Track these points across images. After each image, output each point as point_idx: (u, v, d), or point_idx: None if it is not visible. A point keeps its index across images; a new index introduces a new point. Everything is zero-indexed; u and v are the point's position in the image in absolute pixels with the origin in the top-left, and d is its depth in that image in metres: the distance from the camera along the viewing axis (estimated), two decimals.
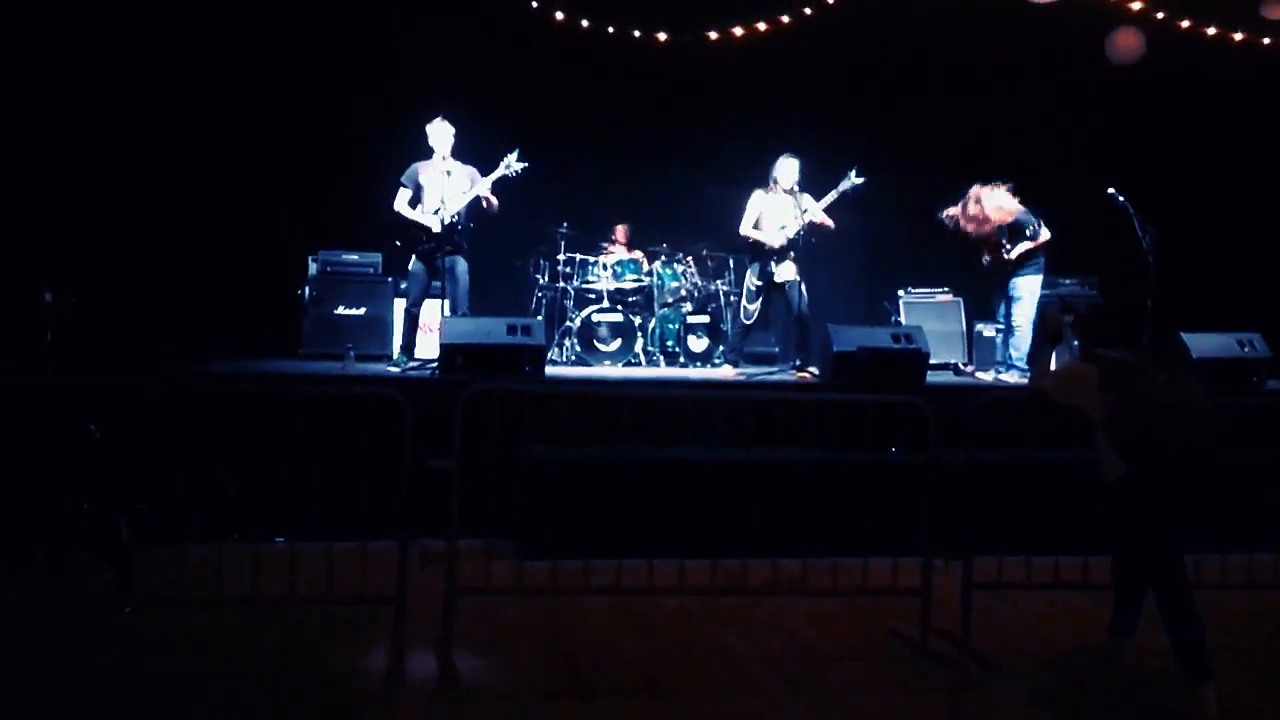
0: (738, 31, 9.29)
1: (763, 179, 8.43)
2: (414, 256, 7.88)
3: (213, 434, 5.94)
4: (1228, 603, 4.96)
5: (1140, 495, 4.20)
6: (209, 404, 6.14)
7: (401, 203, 7.85)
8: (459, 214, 7.76)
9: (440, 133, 7.83)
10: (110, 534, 5.30)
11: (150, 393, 6.16)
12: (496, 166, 7.73)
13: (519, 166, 7.71)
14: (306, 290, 8.84)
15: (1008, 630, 5.02)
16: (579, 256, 9.31)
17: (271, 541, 5.30)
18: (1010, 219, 8.05)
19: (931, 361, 7.88)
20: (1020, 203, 8.08)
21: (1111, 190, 8.06)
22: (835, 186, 8.17)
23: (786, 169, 8.32)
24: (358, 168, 8.99)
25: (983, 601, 4.82)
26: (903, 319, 9.46)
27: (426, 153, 7.90)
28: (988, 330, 9.13)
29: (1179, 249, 8.40)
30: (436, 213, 7.73)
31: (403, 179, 7.87)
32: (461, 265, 7.85)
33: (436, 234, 7.72)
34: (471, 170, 7.87)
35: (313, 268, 8.94)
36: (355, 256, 9.05)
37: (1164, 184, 9.12)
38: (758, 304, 8.44)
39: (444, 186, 7.79)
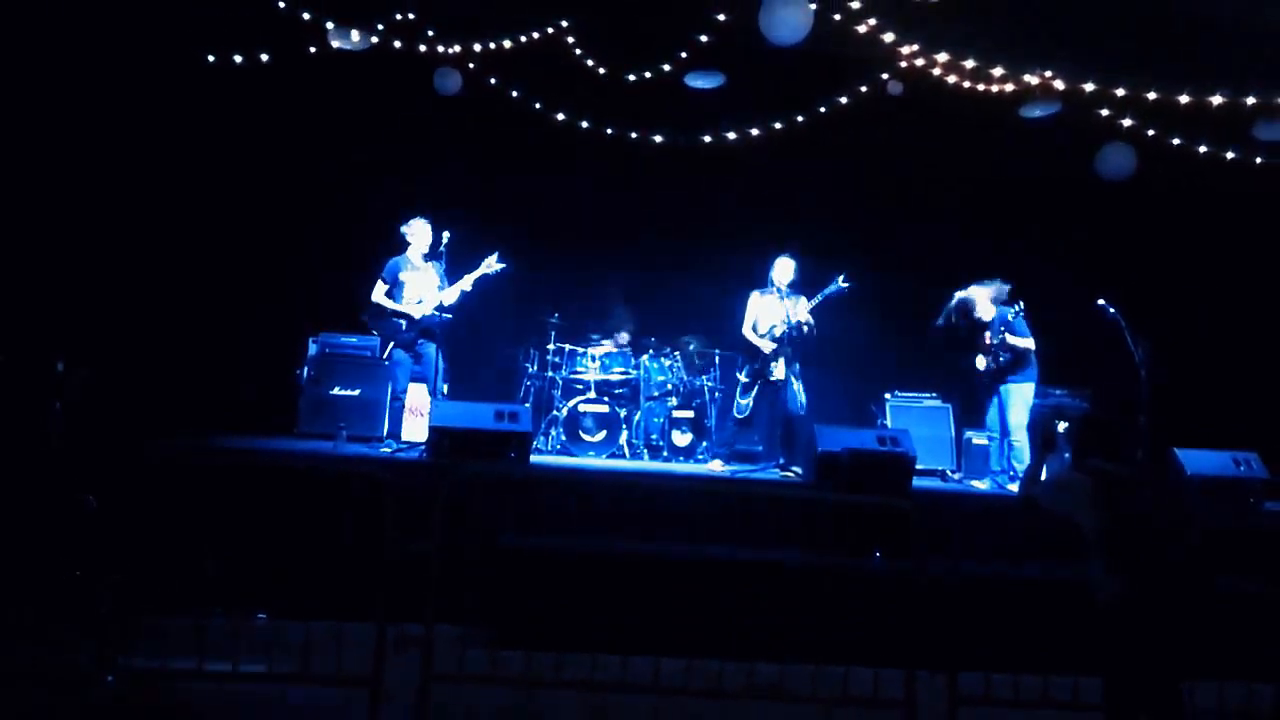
0: (731, 136, 9.50)
1: (755, 278, 8.53)
2: (394, 345, 8.08)
3: (201, 508, 5.94)
4: None
5: (1134, 614, 4.09)
6: (197, 477, 6.15)
7: (379, 295, 8.08)
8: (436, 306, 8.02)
9: (418, 232, 8.12)
10: (95, 604, 5.26)
11: (139, 466, 6.16)
12: (478, 265, 7.94)
13: (498, 267, 7.97)
14: (305, 370, 8.92)
15: None
16: (569, 347, 9.38)
17: (253, 617, 5.25)
18: (981, 303, 8.22)
19: (918, 467, 7.76)
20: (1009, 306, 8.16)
21: (1102, 302, 8.12)
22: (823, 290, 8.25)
23: (782, 269, 8.41)
24: (367, 252, 9.13)
25: (968, 717, 4.69)
26: (889, 423, 9.33)
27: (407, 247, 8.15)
28: (978, 438, 8.82)
29: (1174, 364, 8.42)
30: (419, 303, 7.97)
31: (383, 274, 8.10)
32: (432, 350, 8.11)
33: (415, 321, 7.97)
34: (442, 268, 8.11)
35: (313, 349, 9.03)
36: (354, 339, 9.12)
37: (1159, 299, 9.16)
38: (749, 400, 8.46)
39: (420, 282, 8.08)
